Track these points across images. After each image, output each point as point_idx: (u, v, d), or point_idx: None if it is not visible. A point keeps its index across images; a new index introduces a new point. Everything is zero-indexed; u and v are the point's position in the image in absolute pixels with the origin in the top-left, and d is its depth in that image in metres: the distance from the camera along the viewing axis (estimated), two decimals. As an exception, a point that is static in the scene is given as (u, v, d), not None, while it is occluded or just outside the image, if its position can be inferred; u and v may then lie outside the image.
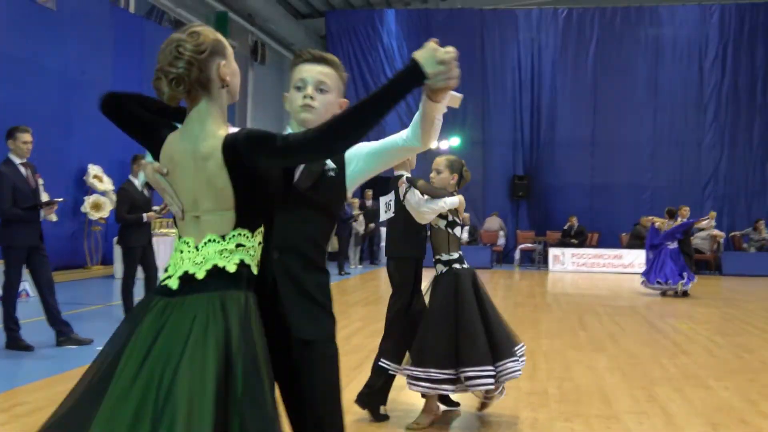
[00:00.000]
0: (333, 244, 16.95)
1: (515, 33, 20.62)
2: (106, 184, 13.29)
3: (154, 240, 8.83)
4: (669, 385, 5.86)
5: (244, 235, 2.01)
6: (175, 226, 2.10)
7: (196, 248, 2.01)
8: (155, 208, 8.46)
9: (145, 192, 8.25)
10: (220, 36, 2.05)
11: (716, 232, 17.58)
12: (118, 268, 12.30)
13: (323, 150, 1.93)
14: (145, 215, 7.99)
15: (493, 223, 19.85)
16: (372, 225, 17.89)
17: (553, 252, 18.42)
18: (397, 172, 4.53)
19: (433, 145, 2.27)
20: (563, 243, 18.77)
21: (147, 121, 2.12)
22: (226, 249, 1.99)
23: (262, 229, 2.05)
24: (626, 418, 4.88)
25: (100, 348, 2.04)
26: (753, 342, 8.03)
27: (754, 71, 19.80)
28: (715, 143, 19.91)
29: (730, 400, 5.46)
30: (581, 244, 18.76)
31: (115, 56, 14.10)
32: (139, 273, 8.23)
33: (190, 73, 1.97)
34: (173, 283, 1.96)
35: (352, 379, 5.74)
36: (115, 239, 8.66)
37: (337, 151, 2.01)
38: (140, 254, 8.11)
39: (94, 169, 13.19)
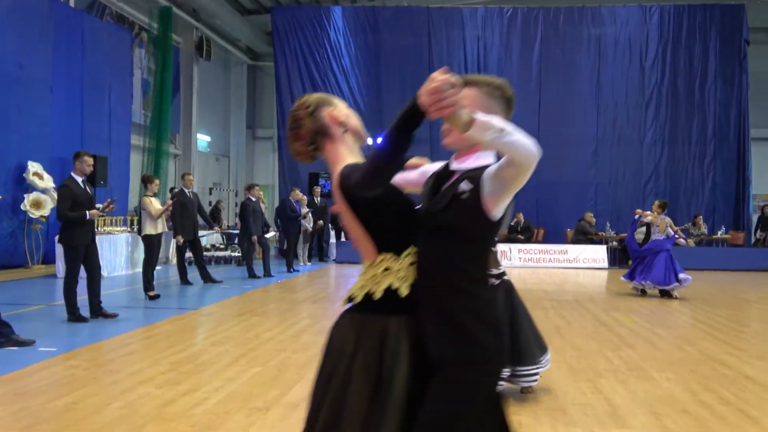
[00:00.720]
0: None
1: (461, 31, 20.80)
2: (47, 182, 12.95)
3: (98, 238, 8.64)
4: (614, 377, 5.99)
5: (389, 258, 2.17)
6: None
7: (361, 275, 2.22)
8: (98, 205, 8.29)
9: (88, 189, 8.07)
10: (323, 95, 2.41)
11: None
12: (60, 267, 12.02)
13: (368, 187, 2.04)
14: (87, 213, 7.81)
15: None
16: (321, 222, 17.84)
17: (500, 248, 18.60)
18: None
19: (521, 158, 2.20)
20: (510, 239, 19.00)
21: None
22: (375, 274, 2.17)
23: (411, 250, 2.17)
24: (572, 409, 4.97)
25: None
26: (694, 334, 8.25)
27: (692, 71, 20.37)
28: (655, 140, 20.42)
29: (672, 390, 5.60)
30: (528, 240, 19.03)
31: (55, 51, 13.73)
32: (82, 272, 8.05)
33: (308, 131, 2.32)
34: (343, 302, 2.32)
35: (302, 376, 5.71)
36: (57, 237, 8.46)
37: (379, 185, 2.04)
38: (83, 253, 7.93)
39: (33, 166, 12.83)
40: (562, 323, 8.88)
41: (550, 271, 17.04)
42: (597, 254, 18.21)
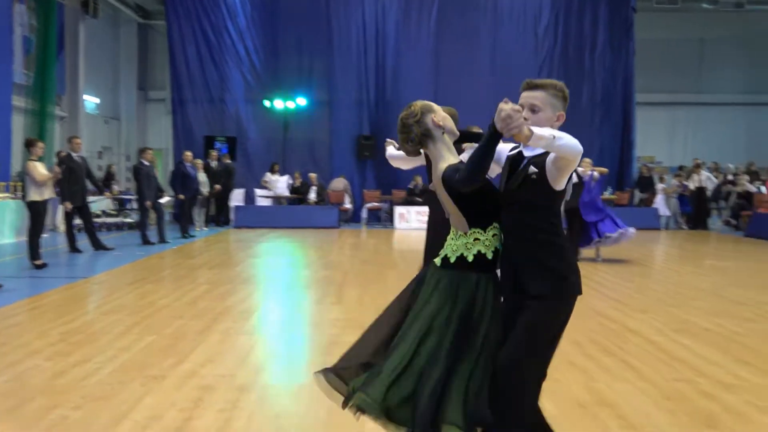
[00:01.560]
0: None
1: (359, -8, 20.63)
2: None
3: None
4: (506, 333, 6.19)
5: (478, 231, 2.93)
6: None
7: (452, 239, 2.99)
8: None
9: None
10: (425, 102, 3.06)
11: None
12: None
13: (469, 185, 2.78)
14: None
15: (338, 183, 20.00)
16: (218, 186, 17.49)
17: (398, 210, 18.84)
18: None
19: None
20: (408, 201, 19.24)
21: None
22: (467, 242, 2.94)
23: (495, 224, 2.94)
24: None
25: None
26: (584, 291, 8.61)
27: (582, 38, 21.01)
28: (548, 105, 21.02)
29: (560, 344, 5.83)
30: (425, 203, 19.30)
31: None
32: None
33: (417, 134, 3.00)
34: (437, 261, 3.01)
35: (199, 343, 5.64)
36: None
37: (475, 183, 2.77)
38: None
39: None
40: (459, 283, 9.09)
41: (447, 233, 17.35)
42: (492, 216, 18.69)
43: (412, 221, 18.57)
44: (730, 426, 3.93)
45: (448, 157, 2.98)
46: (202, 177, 16.54)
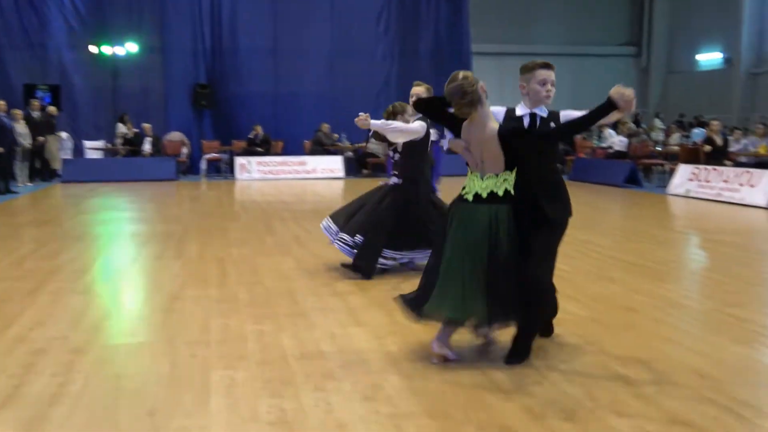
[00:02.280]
0: None
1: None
2: None
3: None
4: (350, 280, 6.30)
5: (508, 173, 3.99)
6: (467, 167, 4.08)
7: (481, 179, 4.01)
8: None
9: None
10: (468, 71, 4.03)
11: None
12: None
13: (568, 137, 4.94)
14: None
15: (174, 134, 19.26)
16: (41, 138, 16.29)
17: (239, 161, 18.48)
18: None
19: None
20: (249, 152, 18.90)
21: (450, 116, 4.06)
22: (498, 182, 3.98)
23: (515, 169, 3.99)
24: (313, 313, 5.17)
25: None
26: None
27: (421, -15, 21.26)
28: (386, 54, 21.20)
29: (403, 287, 6.01)
30: (266, 153, 19.06)
31: None
32: None
33: (473, 99, 3.89)
34: (469, 198, 4.02)
35: (28, 306, 5.30)
36: None
37: (572, 137, 5.11)
38: None
39: None
40: (302, 233, 9.11)
41: (289, 183, 17.30)
42: (333, 164, 18.79)
43: (253, 172, 18.30)
44: (555, 355, 4.24)
45: (491, 117, 4.01)
46: (21, 128, 15.35)
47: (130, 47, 19.45)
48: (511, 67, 23.88)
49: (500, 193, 3.96)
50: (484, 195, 3.98)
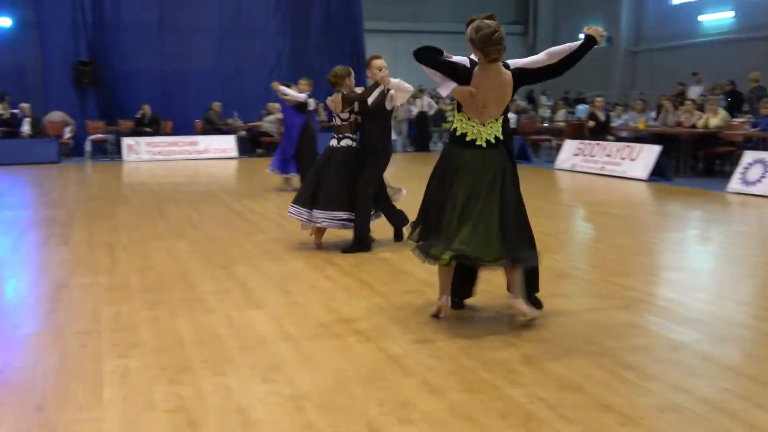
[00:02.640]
0: None
1: None
2: None
3: None
4: (247, 262, 6.22)
5: (501, 120, 4.31)
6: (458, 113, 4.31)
7: (483, 125, 4.26)
8: None
9: None
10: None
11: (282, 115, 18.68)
12: None
13: (554, 76, 4.36)
14: None
15: (55, 114, 18.33)
16: None
17: (126, 142, 17.79)
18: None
19: None
20: (137, 132, 18.23)
21: (453, 64, 4.30)
22: (497, 127, 4.29)
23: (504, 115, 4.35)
24: (209, 298, 5.07)
25: None
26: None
27: (309, -38, 20.99)
28: (278, 31, 20.87)
29: (300, 268, 6.01)
30: (156, 133, 18.44)
31: None
32: None
33: (505, 45, 4.13)
34: (483, 144, 4.27)
35: None
36: None
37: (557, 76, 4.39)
38: None
39: None
40: (195, 215, 8.90)
41: (180, 164, 16.83)
42: (226, 144, 18.40)
43: (142, 153, 17.67)
44: (454, 329, 4.34)
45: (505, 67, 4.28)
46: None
47: (3, 21, 18.30)
48: (403, 45, 24.24)
49: (500, 137, 4.29)
50: (493, 140, 4.25)
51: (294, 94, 10.72)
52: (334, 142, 6.69)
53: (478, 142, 4.25)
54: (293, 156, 11.00)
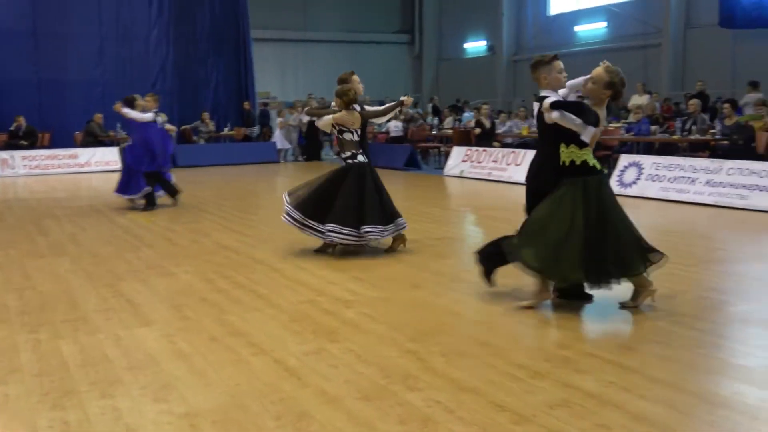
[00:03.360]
0: None
1: None
2: None
3: None
4: (134, 278, 6.00)
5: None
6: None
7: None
8: None
9: None
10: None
11: (169, 126, 18.19)
12: None
13: None
14: None
15: None
16: None
17: (0, 156, 16.84)
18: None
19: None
20: (12, 145, 17.28)
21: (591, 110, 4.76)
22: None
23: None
24: (94, 317, 4.85)
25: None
26: (207, 227, 8.69)
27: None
28: (161, 39, 20.32)
29: (190, 282, 5.85)
30: (32, 146, 17.54)
31: None
32: None
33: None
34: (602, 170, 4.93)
35: None
36: None
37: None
38: None
39: None
40: (78, 231, 8.53)
41: (60, 178, 16.08)
42: (109, 157, 17.71)
43: (17, 167, 16.76)
44: (349, 337, 4.33)
45: None
46: None
47: None
48: (291, 53, 24.19)
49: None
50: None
51: (137, 115, 10.00)
52: (349, 158, 6.78)
53: (602, 169, 4.85)
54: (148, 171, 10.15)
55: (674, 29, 20.02)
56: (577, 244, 4.61)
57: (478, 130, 15.83)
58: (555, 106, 4.66)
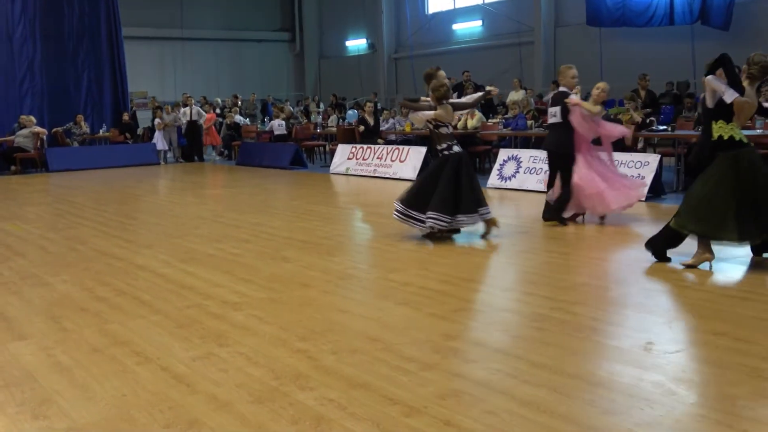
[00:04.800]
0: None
1: None
2: None
3: None
4: (5, 289, 5.68)
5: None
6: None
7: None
8: None
9: None
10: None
11: (38, 129, 17.33)
12: None
13: None
14: None
15: None
16: None
17: None
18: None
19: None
20: None
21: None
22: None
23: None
24: (-38, 333, 4.56)
25: None
26: (85, 233, 8.33)
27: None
28: (26, 36, 19.25)
29: (68, 291, 5.59)
30: None
31: None
32: None
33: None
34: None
35: None
36: None
37: None
38: None
39: None
40: (-60, 242, 7.97)
41: None
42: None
43: None
44: (238, 340, 4.27)
45: None
46: None
47: None
48: (168, 52, 23.59)
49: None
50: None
51: None
52: (446, 150, 7.08)
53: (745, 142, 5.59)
54: None
55: (545, 28, 20.88)
56: (733, 207, 5.40)
57: (362, 128, 15.93)
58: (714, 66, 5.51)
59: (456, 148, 7.15)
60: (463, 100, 7.82)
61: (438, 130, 7.19)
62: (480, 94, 7.84)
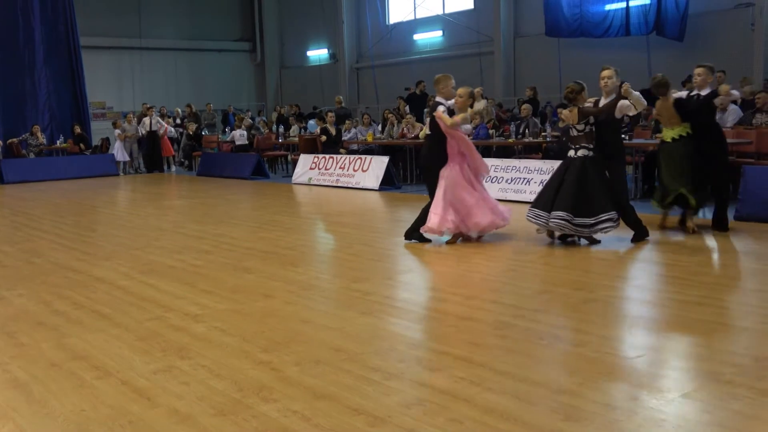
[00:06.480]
0: None
1: None
2: None
3: None
4: (-41, 304, 5.53)
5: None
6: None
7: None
8: None
9: None
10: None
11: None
12: None
13: None
14: None
15: None
16: None
17: None
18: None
19: None
20: None
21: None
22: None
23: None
24: None
25: None
26: (42, 246, 8.17)
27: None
28: (-19, 48, 18.89)
29: (25, 305, 5.48)
30: None
31: None
32: None
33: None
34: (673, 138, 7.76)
35: None
36: None
37: None
38: None
39: None
40: None
41: None
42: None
43: None
44: (200, 352, 4.22)
45: None
46: None
47: None
48: (127, 61, 23.29)
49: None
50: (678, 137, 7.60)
51: None
52: (571, 153, 7.19)
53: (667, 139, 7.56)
54: None
55: (505, 38, 21.08)
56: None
57: (324, 138, 15.90)
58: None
59: (581, 152, 7.15)
60: (597, 108, 7.32)
61: (569, 132, 7.51)
62: (612, 100, 7.18)
